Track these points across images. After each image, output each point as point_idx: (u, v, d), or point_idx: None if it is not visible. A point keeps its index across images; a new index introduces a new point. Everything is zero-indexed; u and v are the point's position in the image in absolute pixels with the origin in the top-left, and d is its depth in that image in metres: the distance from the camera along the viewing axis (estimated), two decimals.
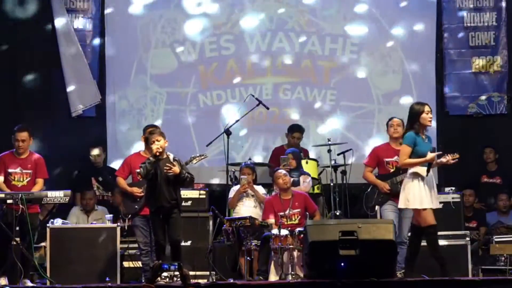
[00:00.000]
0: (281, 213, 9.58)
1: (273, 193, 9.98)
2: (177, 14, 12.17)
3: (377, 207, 9.57)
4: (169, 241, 8.69)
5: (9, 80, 11.70)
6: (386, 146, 9.65)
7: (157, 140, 8.71)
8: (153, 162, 8.64)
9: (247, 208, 9.95)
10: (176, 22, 12.15)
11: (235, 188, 10.16)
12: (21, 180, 9.25)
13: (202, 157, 9.05)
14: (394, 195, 9.37)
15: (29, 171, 9.27)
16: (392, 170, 9.45)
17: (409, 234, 9.14)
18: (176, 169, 8.62)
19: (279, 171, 9.81)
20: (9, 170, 9.23)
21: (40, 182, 9.34)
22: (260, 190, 10.15)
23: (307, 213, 9.75)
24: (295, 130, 11.22)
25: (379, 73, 12.23)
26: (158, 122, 11.43)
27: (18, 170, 9.25)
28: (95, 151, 11.42)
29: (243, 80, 12.13)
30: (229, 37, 12.18)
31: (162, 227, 8.69)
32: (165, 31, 12.14)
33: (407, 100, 12.11)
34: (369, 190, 9.60)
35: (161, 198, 8.65)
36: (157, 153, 8.64)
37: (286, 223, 9.48)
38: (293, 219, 9.60)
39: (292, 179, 9.93)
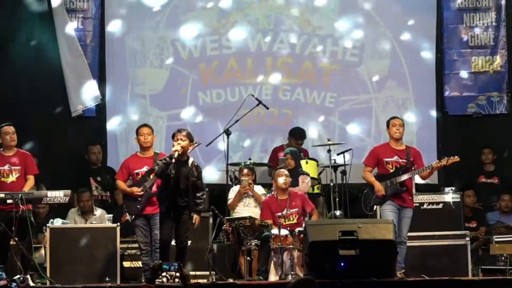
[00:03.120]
0: (279, 214, 9.58)
1: (270, 194, 9.97)
2: (179, 12, 12.16)
3: (376, 207, 9.56)
4: (176, 242, 8.68)
5: (9, 80, 11.69)
6: (386, 146, 9.63)
7: (181, 140, 8.62)
8: (168, 163, 8.55)
9: (247, 208, 9.95)
10: (178, 21, 12.15)
11: (235, 189, 10.16)
12: (10, 176, 9.26)
13: (196, 144, 8.98)
14: (393, 195, 9.37)
15: (18, 168, 9.27)
16: (391, 171, 9.44)
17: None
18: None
19: (280, 170, 9.81)
20: None
21: (31, 178, 9.35)
22: (260, 190, 10.15)
23: (306, 212, 9.77)
24: (303, 137, 11.25)
25: (379, 75, 12.23)
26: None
27: (6, 167, 9.26)
28: (95, 149, 11.42)
29: (243, 79, 12.12)
30: (231, 36, 12.18)
31: (170, 226, 8.67)
32: (167, 28, 12.14)
33: (407, 101, 12.13)
34: (367, 190, 9.59)
35: (173, 199, 8.62)
36: (175, 154, 8.54)
37: (284, 223, 9.48)
38: (291, 219, 9.61)
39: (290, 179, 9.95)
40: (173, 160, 8.52)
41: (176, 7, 12.18)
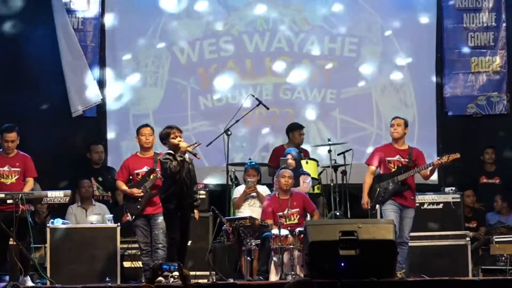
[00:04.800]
0: (280, 213, 9.59)
1: (272, 194, 9.98)
2: (176, 17, 12.16)
3: (377, 206, 9.57)
4: (180, 241, 8.67)
5: (9, 79, 11.68)
6: (388, 146, 9.62)
7: (179, 136, 8.62)
8: (183, 161, 8.51)
9: (252, 208, 9.98)
10: (175, 25, 12.13)
11: (240, 188, 10.18)
12: (10, 177, 9.29)
13: (196, 144, 8.96)
14: (394, 194, 9.37)
15: (17, 169, 9.31)
16: (393, 170, 9.45)
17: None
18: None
19: (285, 170, 9.82)
20: None
21: (30, 180, 9.38)
22: (265, 190, 10.15)
23: (307, 212, 9.77)
24: (299, 127, 11.23)
25: (378, 74, 12.22)
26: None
27: (6, 168, 9.29)
28: (98, 148, 11.43)
29: (242, 80, 12.12)
30: (228, 39, 12.16)
31: (178, 225, 8.65)
32: (164, 33, 12.12)
33: (406, 101, 12.13)
34: (370, 188, 9.59)
35: (182, 196, 8.60)
36: (191, 150, 8.54)
37: (285, 222, 9.50)
38: (292, 218, 9.63)
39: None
40: (197, 157, 8.59)
41: (172, 12, 12.14)
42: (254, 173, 10.15)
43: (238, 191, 10.17)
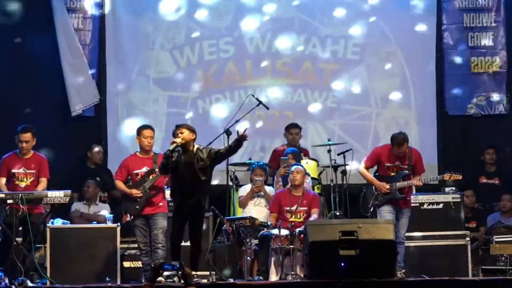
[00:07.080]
0: (287, 208, 9.58)
1: (285, 188, 9.98)
2: (177, 17, 12.13)
3: (373, 209, 9.56)
4: (191, 239, 8.69)
5: (9, 80, 11.68)
6: (388, 149, 9.54)
7: (181, 133, 8.58)
8: (168, 156, 8.49)
9: (258, 208, 9.98)
10: (177, 26, 12.12)
11: (247, 187, 10.20)
12: (25, 180, 9.33)
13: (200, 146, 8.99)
14: (390, 200, 9.36)
15: (33, 171, 9.35)
16: (392, 174, 9.44)
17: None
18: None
19: (295, 166, 9.80)
20: (13, 171, 9.33)
21: (44, 181, 9.43)
22: (272, 191, 10.15)
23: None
24: (292, 126, 11.26)
25: (378, 75, 12.22)
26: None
27: (21, 170, 9.34)
28: (97, 148, 11.43)
29: (242, 82, 12.09)
30: (229, 40, 12.10)
31: (182, 226, 8.64)
32: (166, 34, 12.12)
33: (406, 101, 12.13)
34: (365, 191, 9.59)
35: (186, 193, 8.55)
36: (172, 146, 8.50)
37: (290, 218, 9.48)
38: (299, 216, 9.62)
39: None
40: (169, 152, 8.47)
41: (173, 12, 12.09)
42: (261, 173, 10.18)
43: (244, 189, 10.20)
